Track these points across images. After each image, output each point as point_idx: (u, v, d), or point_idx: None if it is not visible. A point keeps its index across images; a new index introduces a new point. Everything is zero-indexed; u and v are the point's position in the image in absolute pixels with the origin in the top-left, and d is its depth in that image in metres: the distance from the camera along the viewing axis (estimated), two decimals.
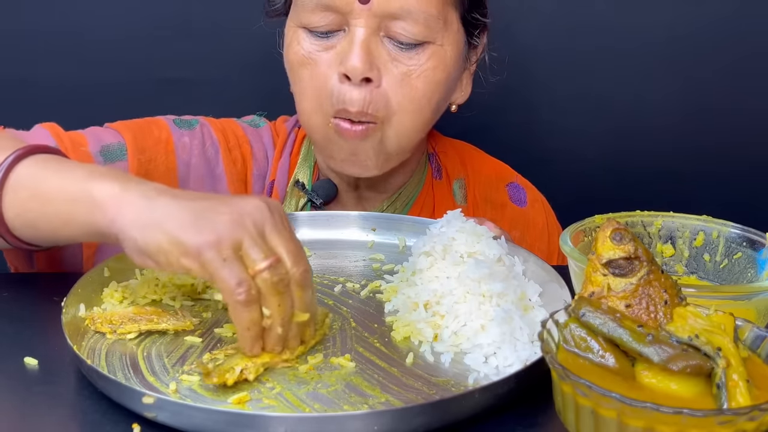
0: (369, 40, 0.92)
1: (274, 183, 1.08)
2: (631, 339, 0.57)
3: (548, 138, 1.50)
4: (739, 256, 0.80)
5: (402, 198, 1.10)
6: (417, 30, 0.92)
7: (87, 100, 1.38)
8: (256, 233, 0.66)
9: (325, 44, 0.94)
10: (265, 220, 0.67)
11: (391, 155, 0.99)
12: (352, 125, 0.94)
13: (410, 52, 0.94)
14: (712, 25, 1.43)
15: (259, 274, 0.65)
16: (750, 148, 1.48)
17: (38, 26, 1.37)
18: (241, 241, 0.65)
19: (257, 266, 0.64)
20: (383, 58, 0.93)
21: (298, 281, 0.67)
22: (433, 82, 0.96)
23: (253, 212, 0.66)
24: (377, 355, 0.71)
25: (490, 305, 0.73)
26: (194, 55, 1.40)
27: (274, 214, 0.67)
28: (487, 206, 1.15)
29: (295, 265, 0.66)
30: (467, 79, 1.06)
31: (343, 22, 0.93)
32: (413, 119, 0.97)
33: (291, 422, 0.57)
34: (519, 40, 1.40)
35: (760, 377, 0.55)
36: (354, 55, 0.91)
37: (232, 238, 0.64)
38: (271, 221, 0.67)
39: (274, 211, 0.68)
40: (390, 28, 0.92)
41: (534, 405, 0.64)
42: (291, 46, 0.97)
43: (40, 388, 0.66)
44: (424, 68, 0.94)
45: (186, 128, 1.05)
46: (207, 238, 0.64)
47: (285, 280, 0.66)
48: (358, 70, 0.91)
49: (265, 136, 1.10)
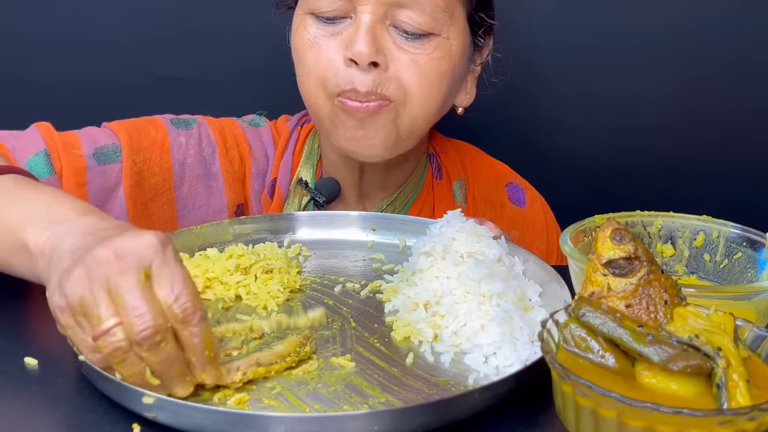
0: (375, 27, 0.92)
1: (275, 181, 1.08)
2: (631, 339, 0.57)
3: (549, 136, 1.50)
4: (739, 256, 0.80)
5: (402, 197, 1.10)
6: (423, 20, 0.93)
7: (87, 99, 1.38)
8: (96, 290, 0.59)
9: (332, 30, 0.95)
10: (111, 270, 0.59)
11: (401, 139, 0.99)
12: (362, 103, 0.94)
13: (415, 42, 0.94)
14: (713, 23, 1.42)
15: (96, 340, 0.59)
16: (750, 147, 1.48)
17: (38, 26, 1.37)
18: (82, 299, 0.59)
19: (95, 331, 0.59)
20: (389, 45, 0.94)
21: (138, 342, 0.59)
22: (439, 71, 0.96)
23: (101, 258, 0.59)
24: (377, 355, 0.71)
25: (490, 305, 0.73)
26: (195, 55, 1.40)
27: (124, 260, 0.59)
28: (487, 206, 1.16)
29: (134, 326, 0.58)
30: (472, 82, 1.06)
31: (350, 9, 0.93)
32: (425, 103, 0.97)
33: (291, 422, 0.57)
34: (520, 38, 1.40)
35: (760, 377, 0.55)
36: (360, 41, 0.91)
37: (73, 300, 0.59)
38: (117, 270, 0.59)
39: (127, 255, 0.59)
40: (396, 17, 0.93)
41: (534, 405, 0.64)
42: (298, 32, 0.98)
43: (40, 388, 0.65)
44: (430, 57, 0.95)
45: (183, 128, 1.05)
46: (59, 302, 0.60)
47: (121, 347, 0.59)
48: (365, 54, 0.91)
49: (265, 135, 1.11)
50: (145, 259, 0.60)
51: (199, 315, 0.60)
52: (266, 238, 0.95)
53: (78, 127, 1.01)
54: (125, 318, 0.58)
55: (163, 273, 0.60)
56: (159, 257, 0.60)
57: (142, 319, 0.58)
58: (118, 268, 0.59)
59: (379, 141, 0.97)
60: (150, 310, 0.58)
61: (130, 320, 0.58)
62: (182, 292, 0.60)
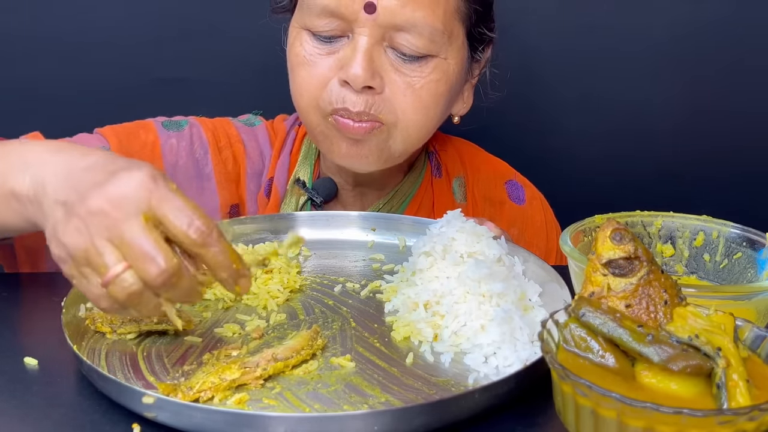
0: (372, 49, 0.92)
1: (272, 180, 1.08)
2: (631, 339, 0.57)
3: (549, 139, 1.50)
4: (739, 256, 0.80)
5: (399, 194, 1.10)
6: (421, 44, 0.92)
7: (86, 99, 1.38)
8: (97, 239, 0.59)
9: (328, 49, 0.94)
10: (108, 221, 0.59)
11: (394, 156, 0.99)
12: (354, 122, 0.93)
13: (413, 64, 0.93)
14: (713, 27, 1.43)
15: (106, 287, 0.59)
16: (750, 148, 1.48)
17: (37, 27, 1.37)
18: (84, 251, 0.60)
19: (103, 278, 0.59)
20: (385, 67, 0.93)
21: (154, 287, 0.59)
22: (435, 94, 0.96)
23: (98, 212, 0.59)
24: (377, 355, 0.71)
25: (490, 305, 0.73)
26: (193, 55, 1.40)
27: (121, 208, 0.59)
28: (486, 204, 1.16)
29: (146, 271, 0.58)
30: (468, 91, 1.06)
31: (347, 29, 0.93)
32: (417, 128, 0.97)
33: (291, 422, 0.57)
34: (520, 41, 1.40)
35: (760, 377, 0.55)
36: (356, 64, 0.91)
37: (75, 251, 0.60)
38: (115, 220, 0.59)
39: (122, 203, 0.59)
40: (394, 39, 0.92)
41: (534, 405, 0.64)
42: (293, 46, 0.97)
43: (40, 388, 0.66)
44: (427, 80, 0.94)
45: (174, 129, 1.05)
46: (58, 252, 0.61)
47: (132, 290, 0.59)
48: (360, 78, 0.90)
49: (261, 135, 1.11)
50: (142, 202, 0.60)
51: (216, 232, 0.61)
52: (266, 238, 0.95)
53: (76, 127, 1.01)
54: (136, 264, 0.59)
55: (165, 209, 0.60)
56: (155, 195, 0.60)
57: (155, 264, 0.58)
58: (117, 217, 0.59)
59: (372, 159, 0.97)
60: (161, 253, 0.59)
61: (143, 266, 0.58)
62: (192, 219, 0.60)
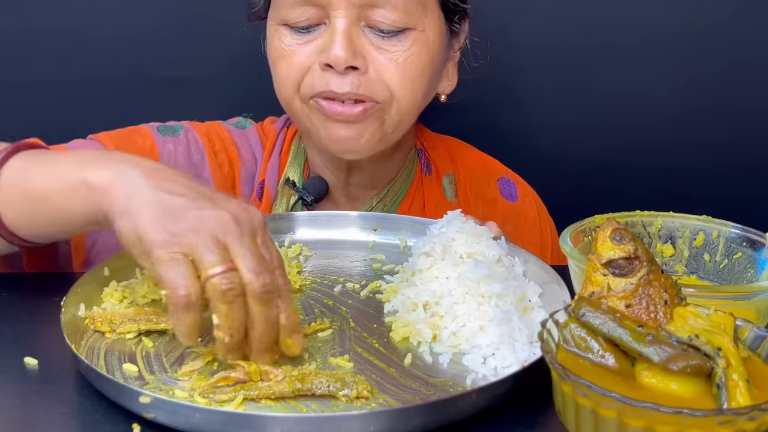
0: (350, 30, 0.92)
1: (264, 183, 1.08)
2: (631, 339, 0.57)
3: (544, 137, 1.49)
4: (739, 256, 0.80)
5: (391, 194, 1.10)
6: (397, 16, 0.92)
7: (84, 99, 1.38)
8: (211, 240, 0.63)
9: (306, 38, 0.95)
10: (228, 230, 0.64)
11: (387, 134, 0.99)
12: (343, 105, 0.93)
13: (392, 40, 0.94)
14: (710, 21, 1.42)
15: (209, 279, 0.62)
16: (749, 147, 1.48)
17: (34, 26, 1.37)
18: (194, 245, 0.63)
19: (208, 271, 0.62)
20: (366, 47, 0.93)
21: (256, 294, 0.63)
22: (420, 66, 0.96)
23: (219, 219, 0.64)
24: (376, 356, 0.71)
25: (489, 306, 0.73)
26: (189, 55, 1.40)
27: (242, 225, 0.65)
28: (479, 201, 1.15)
29: (254, 278, 0.63)
30: (452, 68, 1.06)
31: (323, 16, 0.93)
32: (410, 100, 0.97)
33: (288, 422, 0.57)
34: (514, 38, 1.40)
35: (760, 377, 0.55)
36: (336, 45, 0.91)
37: (185, 241, 0.63)
38: (236, 231, 0.64)
39: (244, 221, 0.66)
40: (370, 17, 0.92)
41: (534, 405, 0.64)
42: (272, 43, 0.98)
43: (40, 388, 0.66)
44: (409, 53, 0.95)
45: (170, 135, 1.05)
46: (159, 237, 0.63)
47: (236, 289, 0.63)
48: (341, 58, 0.91)
49: (252, 138, 1.11)
50: (256, 230, 0.67)
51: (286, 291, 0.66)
52: None
53: (74, 126, 1.01)
54: (244, 270, 0.63)
55: (268, 246, 0.67)
56: (264, 230, 0.68)
57: (262, 276, 0.63)
58: (236, 230, 0.64)
59: (364, 140, 0.97)
60: (267, 272, 0.64)
61: (251, 275, 0.63)
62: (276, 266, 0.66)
